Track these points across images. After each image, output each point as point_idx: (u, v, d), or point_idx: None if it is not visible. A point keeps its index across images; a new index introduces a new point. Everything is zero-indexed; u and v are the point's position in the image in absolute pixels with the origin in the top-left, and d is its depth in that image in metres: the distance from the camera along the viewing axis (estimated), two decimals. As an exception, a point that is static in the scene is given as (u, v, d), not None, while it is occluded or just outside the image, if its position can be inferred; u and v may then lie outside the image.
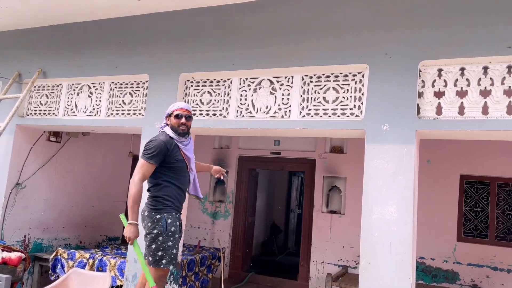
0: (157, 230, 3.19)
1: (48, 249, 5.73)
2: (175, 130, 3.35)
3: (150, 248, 3.20)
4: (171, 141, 3.30)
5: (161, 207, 3.25)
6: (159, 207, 3.25)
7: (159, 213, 3.23)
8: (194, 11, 4.38)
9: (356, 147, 5.92)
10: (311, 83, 3.85)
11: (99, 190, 6.55)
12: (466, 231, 5.70)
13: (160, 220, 3.21)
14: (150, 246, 3.20)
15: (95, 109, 4.89)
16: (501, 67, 3.23)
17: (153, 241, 3.18)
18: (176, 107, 3.40)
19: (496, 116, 3.19)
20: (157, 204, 3.26)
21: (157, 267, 3.18)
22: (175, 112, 3.36)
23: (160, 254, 3.18)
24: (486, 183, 5.70)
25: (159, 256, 3.17)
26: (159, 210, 3.24)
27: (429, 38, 3.40)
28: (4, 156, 5.22)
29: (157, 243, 3.18)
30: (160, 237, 3.18)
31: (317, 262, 6.26)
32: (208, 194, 7.23)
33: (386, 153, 3.39)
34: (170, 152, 3.26)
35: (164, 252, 3.18)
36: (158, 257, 3.17)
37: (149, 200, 3.31)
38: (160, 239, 3.18)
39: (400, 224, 3.26)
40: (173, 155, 3.28)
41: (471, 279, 5.50)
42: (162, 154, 3.22)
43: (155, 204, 3.26)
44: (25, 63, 5.31)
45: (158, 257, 3.17)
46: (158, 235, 3.18)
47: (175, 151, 3.30)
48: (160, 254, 3.18)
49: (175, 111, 3.37)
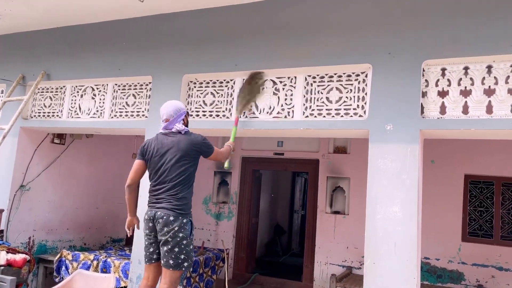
0: (182, 234, 3.19)
1: (53, 251, 5.74)
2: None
3: (173, 251, 3.18)
4: None
5: (188, 211, 3.28)
6: (187, 211, 3.27)
7: (185, 217, 3.24)
8: (197, 12, 4.39)
9: (360, 147, 5.91)
10: (314, 83, 3.85)
11: (103, 192, 6.56)
12: (471, 231, 5.67)
13: (186, 224, 3.23)
14: (172, 250, 3.18)
15: (98, 111, 4.90)
16: (505, 65, 3.22)
17: (177, 244, 3.18)
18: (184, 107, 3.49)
19: (501, 115, 3.17)
20: (185, 208, 3.26)
21: (178, 270, 3.21)
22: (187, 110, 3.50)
23: (182, 257, 3.20)
24: (490, 183, 5.68)
25: (182, 259, 3.20)
26: (186, 214, 3.25)
27: (432, 37, 3.39)
28: (9, 158, 5.24)
29: (180, 247, 3.19)
30: (184, 241, 3.20)
31: (321, 263, 6.25)
32: (211, 195, 7.23)
33: (390, 153, 3.38)
34: None
35: (186, 256, 3.21)
36: (180, 260, 3.19)
37: (176, 204, 3.22)
38: (184, 242, 3.20)
39: (405, 224, 3.25)
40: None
41: (476, 279, 5.47)
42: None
43: (183, 208, 3.24)
44: (29, 65, 5.33)
45: (180, 260, 3.19)
46: (183, 238, 3.20)
47: None
48: (182, 258, 3.20)
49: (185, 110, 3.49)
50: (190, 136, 3.35)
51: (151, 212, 3.29)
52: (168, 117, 3.41)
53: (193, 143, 3.30)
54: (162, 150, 3.32)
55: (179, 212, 3.20)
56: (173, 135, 3.35)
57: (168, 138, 3.35)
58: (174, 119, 3.39)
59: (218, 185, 7.29)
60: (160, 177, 3.30)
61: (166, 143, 3.33)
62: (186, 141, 3.30)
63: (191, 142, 3.30)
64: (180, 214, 3.21)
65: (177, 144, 3.29)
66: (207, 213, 7.17)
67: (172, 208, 3.21)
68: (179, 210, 3.21)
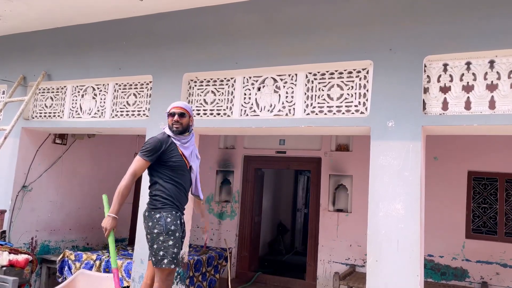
0: (157, 230, 3.19)
1: (55, 251, 5.75)
2: (170, 128, 3.40)
3: (152, 248, 3.20)
4: (168, 139, 3.34)
5: (160, 206, 3.26)
6: (158, 206, 3.27)
7: (158, 212, 3.24)
8: (197, 10, 4.37)
9: (362, 144, 5.88)
10: (315, 80, 3.83)
11: (105, 192, 6.52)
12: (474, 228, 5.64)
13: (159, 219, 3.21)
14: (152, 247, 3.21)
15: (99, 111, 4.90)
16: (507, 60, 3.18)
17: (154, 241, 3.19)
18: (171, 106, 3.44)
19: (504, 111, 3.14)
20: (156, 203, 3.28)
21: (160, 267, 3.19)
22: (170, 111, 3.42)
23: (161, 254, 3.17)
24: (494, 179, 5.64)
25: (161, 256, 3.17)
26: (158, 209, 3.25)
27: (433, 32, 3.36)
28: (10, 159, 5.25)
29: (158, 243, 3.18)
30: (161, 237, 3.19)
31: (325, 261, 6.23)
32: (214, 194, 7.22)
33: (392, 150, 3.35)
34: (166, 149, 3.30)
35: (165, 252, 3.18)
36: (159, 257, 3.17)
37: (149, 200, 3.34)
38: (161, 238, 3.19)
39: (407, 221, 3.22)
40: (168, 153, 3.31)
41: (480, 276, 5.44)
42: (156, 151, 3.27)
43: (154, 203, 3.28)
44: (30, 66, 5.33)
45: (159, 257, 3.17)
46: (158, 234, 3.19)
47: (171, 149, 3.32)
48: (161, 254, 3.17)
49: (170, 110, 3.42)
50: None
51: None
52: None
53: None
54: None
55: (151, 207, 3.28)
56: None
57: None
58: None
59: (220, 184, 7.28)
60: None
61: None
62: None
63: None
64: (152, 209, 3.27)
65: None
66: (210, 212, 7.17)
67: (147, 204, 3.34)
68: (151, 205, 3.29)
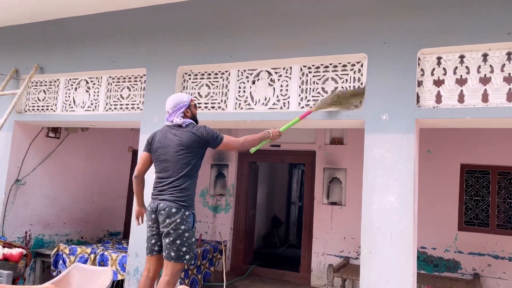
0: (184, 226, 3.19)
1: (50, 245, 5.74)
2: (195, 120, 3.40)
3: (175, 243, 3.18)
4: None
5: (190, 203, 3.27)
6: (189, 203, 3.26)
7: (188, 210, 3.23)
8: (190, 3, 4.34)
9: (356, 138, 5.90)
10: (310, 73, 3.83)
11: (99, 185, 6.55)
12: (467, 220, 5.69)
13: (189, 216, 3.23)
14: (174, 242, 3.18)
15: (93, 104, 4.87)
16: (500, 54, 3.20)
17: (179, 236, 3.18)
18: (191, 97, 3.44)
19: (496, 104, 3.16)
20: (187, 200, 3.24)
21: (180, 262, 3.22)
22: (194, 102, 3.43)
23: (184, 249, 3.20)
24: (486, 172, 5.69)
25: (183, 251, 3.20)
26: (188, 207, 3.24)
27: (427, 26, 3.37)
28: (3, 152, 5.21)
29: (182, 239, 3.19)
30: (187, 233, 3.20)
31: (319, 254, 6.27)
32: (208, 188, 7.23)
33: (385, 143, 3.37)
34: None
35: (188, 248, 3.21)
36: (182, 253, 3.19)
37: (179, 196, 3.22)
38: (186, 235, 3.20)
39: (401, 214, 3.25)
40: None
41: (472, 268, 5.51)
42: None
43: (186, 200, 3.24)
44: (22, 59, 5.28)
45: (182, 253, 3.19)
46: (185, 231, 3.19)
47: None
48: (184, 250, 3.20)
49: (193, 100, 3.44)
50: (192, 129, 3.33)
51: (154, 203, 3.31)
52: (168, 110, 3.44)
53: (194, 136, 3.28)
54: (165, 142, 3.34)
55: (181, 204, 3.21)
56: (176, 128, 3.36)
57: (171, 130, 3.37)
58: (173, 112, 3.40)
59: (215, 177, 7.28)
60: (163, 169, 3.32)
61: (169, 135, 3.35)
62: (187, 134, 3.30)
63: (192, 135, 3.29)
64: (182, 206, 3.21)
65: (179, 137, 3.30)
66: (204, 206, 7.18)
67: (175, 200, 3.21)
68: (181, 202, 3.21)
